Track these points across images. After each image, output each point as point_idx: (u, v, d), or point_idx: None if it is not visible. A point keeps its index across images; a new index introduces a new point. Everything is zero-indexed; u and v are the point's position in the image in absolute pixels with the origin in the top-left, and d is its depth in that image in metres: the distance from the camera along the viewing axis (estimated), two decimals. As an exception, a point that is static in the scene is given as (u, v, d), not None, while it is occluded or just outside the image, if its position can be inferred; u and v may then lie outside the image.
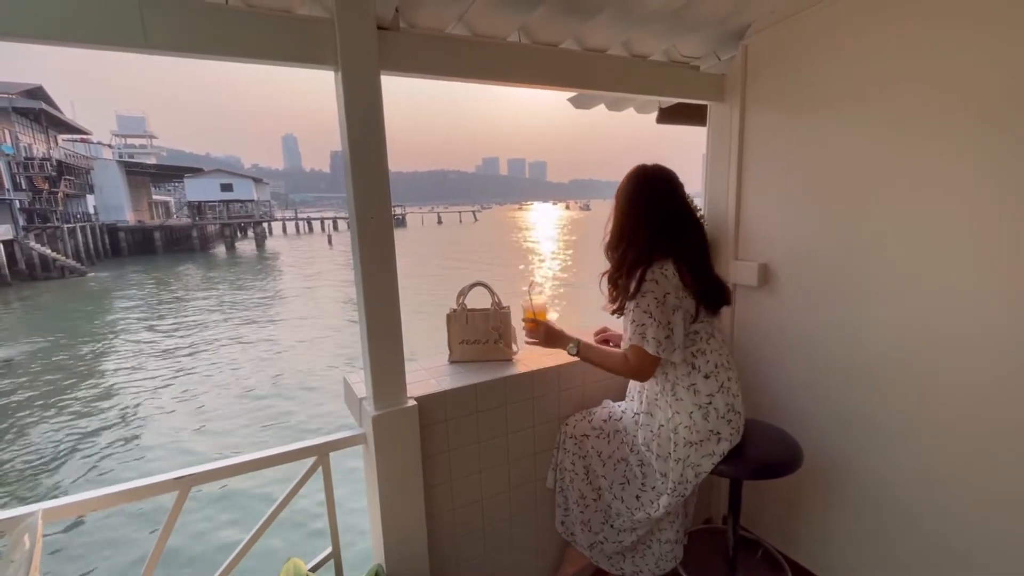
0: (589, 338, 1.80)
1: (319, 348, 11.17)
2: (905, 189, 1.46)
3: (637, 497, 1.59)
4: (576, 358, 1.57)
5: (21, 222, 24.08)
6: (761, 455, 1.50)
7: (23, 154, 27.08)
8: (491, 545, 1.73)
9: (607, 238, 1.56)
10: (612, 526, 1.65)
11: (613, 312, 1.57)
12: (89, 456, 6.58)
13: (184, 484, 1.28)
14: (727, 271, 1.98)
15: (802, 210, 1.75)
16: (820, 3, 1.60)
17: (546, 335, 1.59)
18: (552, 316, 1.70)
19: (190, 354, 10.99)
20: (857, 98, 1.55)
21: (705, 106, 2.07)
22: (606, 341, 1.83)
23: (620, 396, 1.82)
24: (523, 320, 1.66)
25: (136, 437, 7.07)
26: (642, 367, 1.46)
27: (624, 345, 1.49)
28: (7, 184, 24.54)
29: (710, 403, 1.46)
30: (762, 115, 1.85)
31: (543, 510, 1.81)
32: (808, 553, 1.91)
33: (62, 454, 6.65)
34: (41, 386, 9.19)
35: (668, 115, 2.36)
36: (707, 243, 1.54)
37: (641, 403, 1.59)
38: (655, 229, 1.47)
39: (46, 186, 27.96)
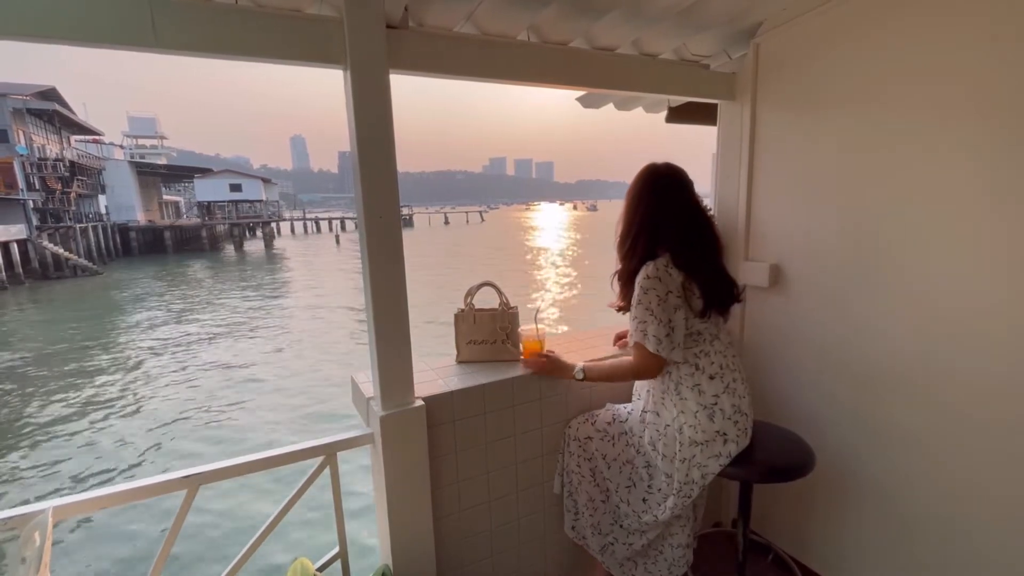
0: (605, 342, 1.87)
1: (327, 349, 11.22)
2: (919, 189, 1.44)
3: (644, 500, 1.57)
4: (584, 381, 1.61)
5: (35, 222, 24.42)
6: (772, 458, 1.48)
7: (36, 154, 27.47)
8: (498, 547, 1.72)
9: (617, 237, 1.56)
10: (622, 526, 1.64)
11: (619, 309, 1.57)
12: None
13: (192, 483, 1.29)
14: (737, 272, 1.96)
15: (814, 210, 1.73)
16: (832, 1, 1.58)
17: (550, 367, 1.64)
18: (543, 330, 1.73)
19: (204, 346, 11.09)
20: (870, 97, 1.53)
21: (715, 105, 2.05)
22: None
23: (624, 398, 1.81)
24: (524, 350, 1.72)
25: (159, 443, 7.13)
26: (645, 365, 1.45)
27: (629, 341, 1.50)
28: (21, 184, 24.89)
29: (716, 404, 1.44)
30: (773, 114, 1.83)
31: (551, 512, 1.79)
32: (820, 558, 1.88)
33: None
34: (60, 381, 9.30)
35: (677, 114, 2.34)
36: (717, 240, 1.53)
37: (648, 401, 1.57)
38: (660, 226, 1.46)
39: (59, 186, 28.35)
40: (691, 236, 1.46)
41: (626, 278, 1.51)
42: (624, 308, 1.53)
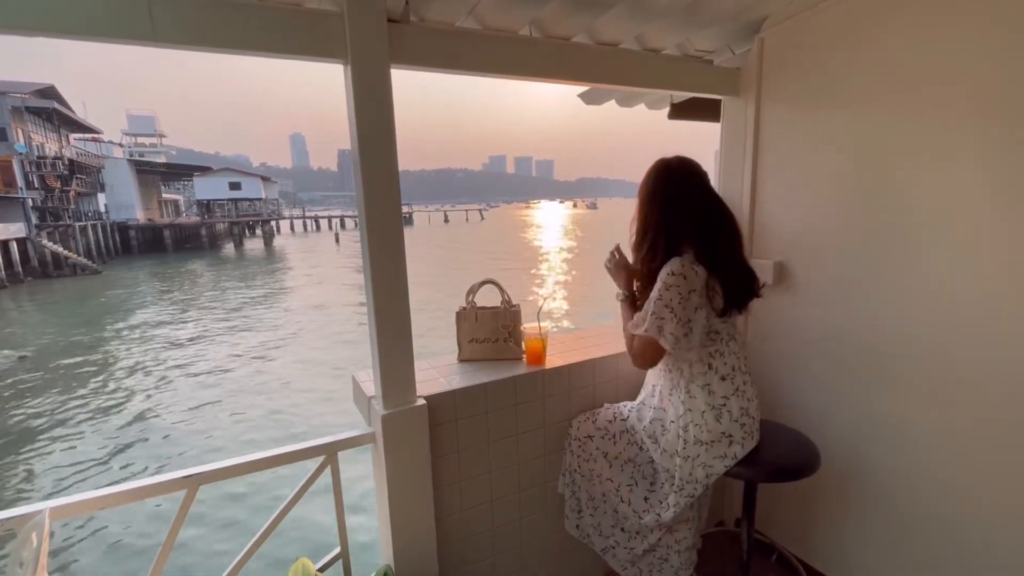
0: (607, 340, 1.88)
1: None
2: (923, 186, 1.42)
3: (645, 499, 1.56)
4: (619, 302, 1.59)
5: (34, 220, 24.38)
6: (777, 457, 1.46)
7: (36, 153, 27.42)
8: (500, 547, 1.71)
9: (632, 237, 1.50)
10: (623, 529, 1.62)
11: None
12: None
13: (192, 483, 1.27)
14: (741, 270, 1.95)
15: (818, 207, 1.71)
16: (838, -5, 1.57)
17: (616, 267, 1.59)
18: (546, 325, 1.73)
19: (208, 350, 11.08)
20: (875, 93, 1.51)
21: (719, 101, 2.03)
22: None
23: (625, 397, 1.80)
24: (526, 349, 1.74)
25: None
26: (645, 354, 1.44)
27: (637, 329, 1.42)
28: (20, 182, 24.86)
29: (724, 405, 1.42)
30: (778, 110, 1.82)
31: (553, 512, 1.78)
32: (824, 558, 1.87)
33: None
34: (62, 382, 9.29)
35: (680, 111, 2.32)
36: (737, 232, 1.47)
37: (655, 397, 1.55)
38: (678, 223, 1.41)
39: (58, 184, 28.29)
40: (710, 232, 1.41)
41: (647, 280, 1.45)
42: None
